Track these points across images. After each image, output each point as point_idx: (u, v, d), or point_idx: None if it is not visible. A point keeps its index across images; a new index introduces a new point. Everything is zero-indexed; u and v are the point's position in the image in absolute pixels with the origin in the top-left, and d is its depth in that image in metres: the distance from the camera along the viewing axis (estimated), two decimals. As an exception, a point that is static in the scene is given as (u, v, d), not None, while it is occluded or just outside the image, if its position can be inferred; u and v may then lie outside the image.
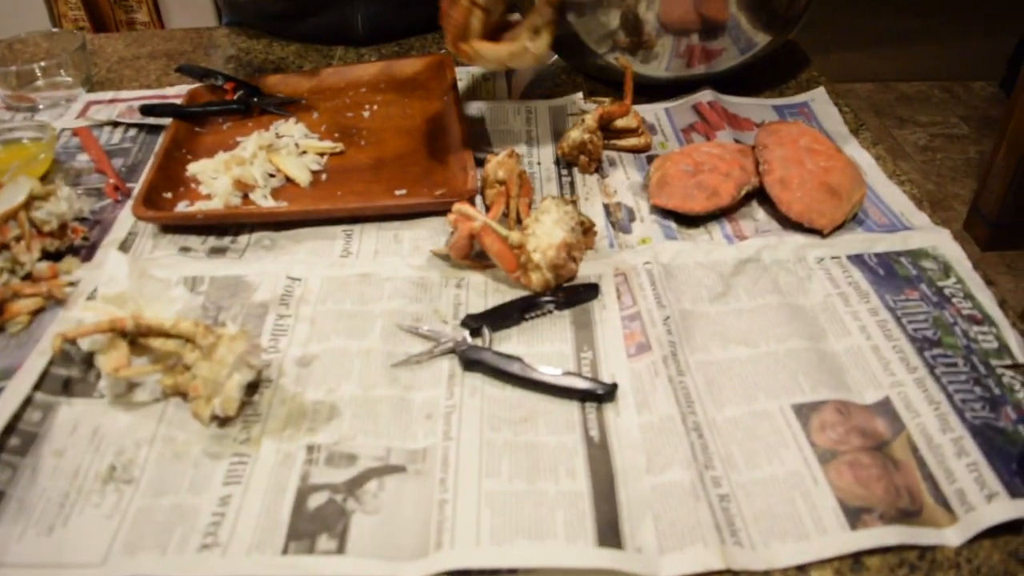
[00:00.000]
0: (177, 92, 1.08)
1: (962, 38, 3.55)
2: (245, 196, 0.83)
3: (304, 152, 0.90)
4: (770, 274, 0.72)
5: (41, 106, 1.06)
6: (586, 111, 0.88)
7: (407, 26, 1.23)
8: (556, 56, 0.79)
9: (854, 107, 0.95)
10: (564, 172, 0.88)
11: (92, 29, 2.42)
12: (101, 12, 2.43)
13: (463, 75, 1.08)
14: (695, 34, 0.94)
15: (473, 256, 0.73)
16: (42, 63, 1.06)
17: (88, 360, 0.65)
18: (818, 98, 1.01)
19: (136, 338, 0.62)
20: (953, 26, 3.66)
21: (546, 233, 0.69)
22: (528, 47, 0.78)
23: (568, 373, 0.62)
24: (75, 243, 0.80)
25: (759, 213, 0.81)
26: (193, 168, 0.87)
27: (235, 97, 0.99)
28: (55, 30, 1.32)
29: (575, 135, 0.86)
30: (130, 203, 0.84)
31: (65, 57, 1.07)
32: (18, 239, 0.76)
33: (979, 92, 3.18)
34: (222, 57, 1.20)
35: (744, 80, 1.03)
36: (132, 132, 0.99)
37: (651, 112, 0.99)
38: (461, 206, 0.72)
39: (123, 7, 2.41)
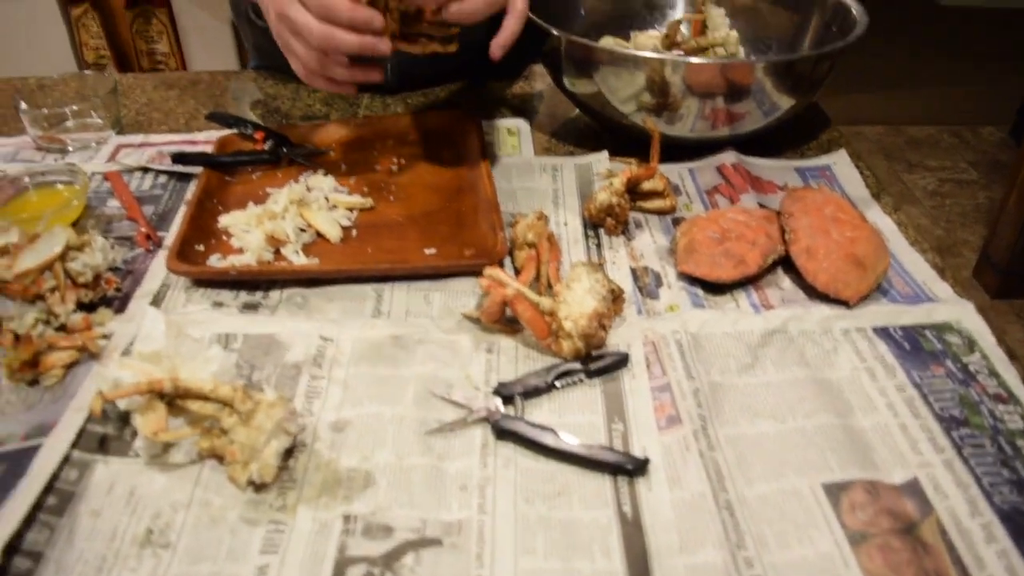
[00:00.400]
0: (207, 137, 1.09)
1: (971, 83, 3.59)
2: (277, 251, 0.84)
3: (334, 207, 0.91)
4: (797, 346, 0.73)
5: (71, 148, 1.07)
6: (612, 171, 0.89)
7: (435, 74, 1.25)
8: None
9: (864, 152, 0.96)
10: (590, 233, 0.89)
11: (113, 58, 2.46)
12: (122, 41, 2.46)
13: (488, 129, 1.09)
14: (720, 97, 0.95)
15: (504, 321, 0.74)
16: (74, 107, 1.07)
17: (124, 418, 0.66)
18: (840, 161, 1.02)
19: (174, 399, 0.63)
20: (962, 71, 3.70)
21: (577, 301, 0.70)
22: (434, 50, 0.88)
23: (601, 447, 0.62)
24: (108, 294, 0.80)
25: (785, 281, 0.82)
26: (225, 220, 0.88)
27: (265, 147, 1.01)
28: (87, 72, 1.34)
29: (603, 198, 0.87)
30: (162, 254, 0.85)
31: (96, 100, 1.08)
32: (53, 290, 0.76)
33: (987, 137, 3.21)
34: (249, 102, 1.22)
35: (766, 141, 1.05)
36: (163, 179, 1.00)
37: (675, 172, 1.00)
38: (493, 271, 0.73)
39: (144, 38, 2.44)
